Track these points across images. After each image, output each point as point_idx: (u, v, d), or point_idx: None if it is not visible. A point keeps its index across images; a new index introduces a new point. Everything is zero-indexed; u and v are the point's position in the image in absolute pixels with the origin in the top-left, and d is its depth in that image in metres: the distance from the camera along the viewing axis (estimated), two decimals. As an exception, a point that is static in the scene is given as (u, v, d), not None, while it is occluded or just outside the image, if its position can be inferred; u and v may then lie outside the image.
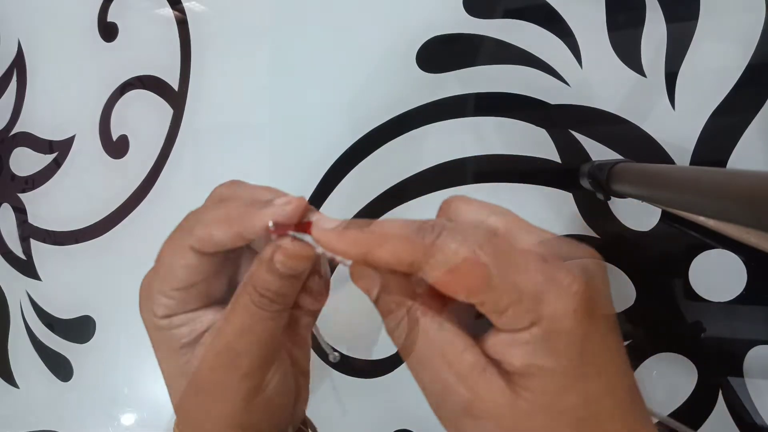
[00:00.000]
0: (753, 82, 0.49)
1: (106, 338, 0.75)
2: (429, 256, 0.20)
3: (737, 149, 0.49)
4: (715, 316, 0.50)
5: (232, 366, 0.24)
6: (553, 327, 0.19)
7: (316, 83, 0.65)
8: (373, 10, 0.62)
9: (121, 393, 0.74)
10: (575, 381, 0.19)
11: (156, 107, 0.72)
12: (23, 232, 0.82)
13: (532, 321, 0.19)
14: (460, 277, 0.20)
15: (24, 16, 0.82)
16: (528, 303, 0.19)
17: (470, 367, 0.20)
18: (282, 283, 0.23)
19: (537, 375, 0.19)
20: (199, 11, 0.71)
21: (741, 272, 0.49)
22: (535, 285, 0.19)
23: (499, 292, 0.19)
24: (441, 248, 0.20)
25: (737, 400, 0.49)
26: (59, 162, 0.79)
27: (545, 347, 0.19)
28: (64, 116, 0.79)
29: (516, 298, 0.19)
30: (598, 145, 0.53)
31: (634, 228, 0.52)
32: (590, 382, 0.19)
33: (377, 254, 0.21)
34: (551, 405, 0.19)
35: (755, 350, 0.49)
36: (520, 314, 0.19)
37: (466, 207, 0.24)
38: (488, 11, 0.57)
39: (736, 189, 0.29)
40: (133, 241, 0.74)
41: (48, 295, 0.80)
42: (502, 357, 0.20)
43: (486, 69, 0.57)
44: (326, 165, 0.63)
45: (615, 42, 0.53)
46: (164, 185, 0.72)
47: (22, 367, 0.82)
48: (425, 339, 0.21)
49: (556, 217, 0.54)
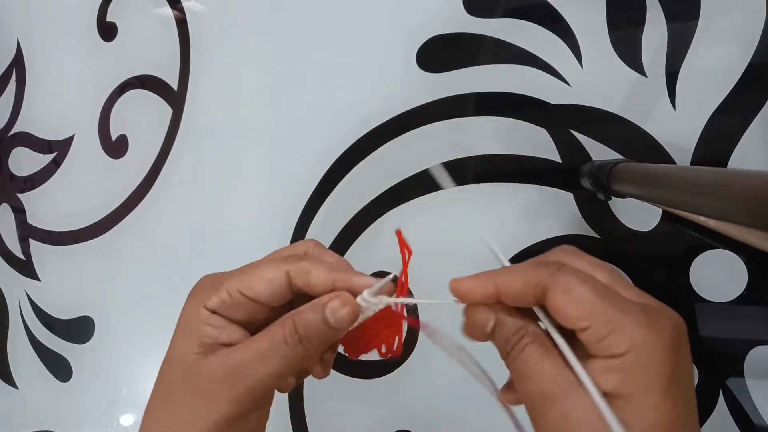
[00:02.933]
0: (754, 82, 0.49)
1: (106, 339, 0.75)
2: (553, 280, 0.24)
3: (738, 149, 0.49)
4: (716, 316, 0.49)
5: (229, 382, 0.26)
6: (645, 356, 0.22)
7: (316, 83, 0.65)
8: (372, 10, 0.62)
9: (120, 393, 0.74)
10: (661, 405, 0.22)
11: (155, 107, 0.72)
12: (22, 233, 0.81)
13: (627, 349, 0.22)
14: (577, 302, 0.23)
15: (23, 16, 0.82)
16: (628, 333, 0.22)
17: (571, 383, 0.23)
18: (320, 328, 0.26)
19: (625, 398, 0.22)
20: (198, 11, 0.71)
21: (742, 272, 0.49)
22: (636, 320, 0.22)
23: (606, 319, 0.22)
24: (564, 274, 0.24)
25: (738, 400, 0.49)
26: (58, 162, 0.79)
27: (636, 374, 0.22)
28: (63, 116, 0.79)
29: (619, 327, 0.22)
30: (598, 145, 0.53)
31: (634, 228, 0.52)
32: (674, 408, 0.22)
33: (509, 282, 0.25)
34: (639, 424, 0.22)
35: (756, 350, 0.49)
36: (618, 342, 0.22)
37: (577, 260, 0.26)
38: (488, 11, 0.57)
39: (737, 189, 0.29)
40: (132, 241, 0.74)
41: (47, 296, 0.80)
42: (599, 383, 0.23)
43: (486, 69, 0.57)
44: (326, 165, 0.63)
45: (615, 41, 0.53)
46: (164, 185, 0.72)
47: (21, 368, 0.81)
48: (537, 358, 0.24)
49: (557, 217, 0.54)
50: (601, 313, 0.23)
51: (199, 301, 0.28)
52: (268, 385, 0.27)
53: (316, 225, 0.64)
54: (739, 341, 0.49)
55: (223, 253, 0.69)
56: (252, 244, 0.67)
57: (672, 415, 0.22)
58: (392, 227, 0.60)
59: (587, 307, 0.23)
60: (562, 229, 0.54)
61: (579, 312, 0.23)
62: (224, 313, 0.28)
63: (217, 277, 0.29)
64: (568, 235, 0.54)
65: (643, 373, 0.22)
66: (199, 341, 0.27)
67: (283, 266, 0.27)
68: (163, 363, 0.29)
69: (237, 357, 0.26)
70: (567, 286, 0.23)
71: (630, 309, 0.23)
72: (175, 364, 0.28)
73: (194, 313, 0.28)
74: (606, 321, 0.22)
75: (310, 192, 0.64)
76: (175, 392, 0.28)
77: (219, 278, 0.28)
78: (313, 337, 0.26)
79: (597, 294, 0.23)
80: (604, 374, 0.22)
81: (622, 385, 0.22)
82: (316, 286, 0.27)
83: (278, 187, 0.66)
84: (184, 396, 0.27)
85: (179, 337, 0.28)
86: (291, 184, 0.65)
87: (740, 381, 0.49)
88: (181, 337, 0.28)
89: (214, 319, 0.27)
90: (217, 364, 0.27)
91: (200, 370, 0.27)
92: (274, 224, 0.65)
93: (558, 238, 0.54)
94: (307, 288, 0.27)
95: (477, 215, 0.57)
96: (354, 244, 0.62)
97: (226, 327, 0.27)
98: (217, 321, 0.27)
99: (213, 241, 0.70)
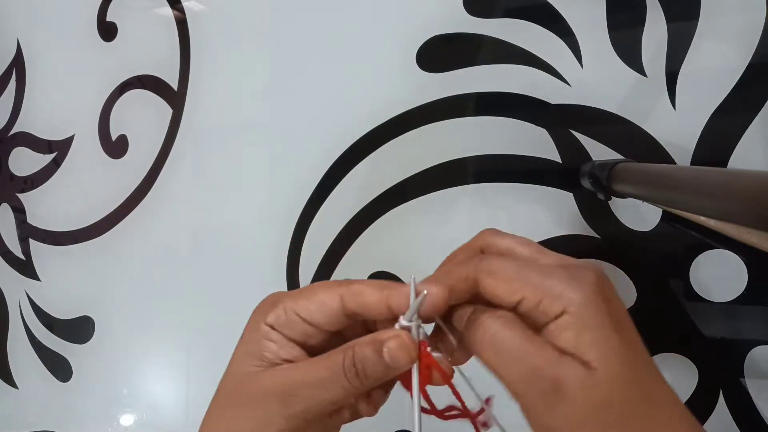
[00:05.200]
0: (754, 82, 0.49)
1: (106, 339, 0.75)
2: (477, 269, 0.26)
3: (738, 149, 0.49)
4: (716, 316, 0.49)
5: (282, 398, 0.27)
6: (580, 309, 0.24)
7: (316, 83, 0.65)
8: (372, 10, 0.62)
9: (120, 393, 0.74)
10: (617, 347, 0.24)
11: (155, 107, 0.72)
12: (22, 232, 0.81)
13: (562, 308, 0.24)
14: (503, 280, 0.25)
15: (23, 16, 0.82)
16: (557, 293, 0.24)
17: (554, 353, 0.24)
18: (377, 364, 0.26)
19: (582, 350, 0.23)
20: (198, 10, 0.71)
21: (742, 272, 0.49)
22: (560, 280, 0.24)
23: (532, 287, 0.24)
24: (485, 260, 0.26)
25: (738, 400, 0.49)
26: (58, 162, 0.79)
27: (584, 324, 0.24)
28: (63, 116, 0.79)
29: (546, 291, 0.24)
30: (598, 145, 0.53)
31: (634, 228, 0.52)
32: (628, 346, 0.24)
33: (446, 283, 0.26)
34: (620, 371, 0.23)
35: (756, 350, 0.49)
36: (551, 304, 0.24)
37: (499, 239, 0.29)
38: (488, 11, 0.57)
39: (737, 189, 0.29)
40: (132, 242, 0.74)
41: (47, 296, 0.80)
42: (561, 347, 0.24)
43: (486, 68, 0.57)
44: (326, 165, 0.63)
45: (616, 41, 0.53)
46: (164, 185, 0.72)
47: (21, 368, 0.82)
48: (514, 336, 0.25)
49: (557, 217, 0.54)
50: (527, 283, 0.25)
51: (260, 316, 0.28)
52: (321, 410, 0.27)
53: (316, 225, 0.64)
54: (739, 341, 0.49)
55: (222, 253, 0.69)
56: (252, 244, 0.67)
57: (629, 353, 0.24)
58: (392, 228, 0.60)
59: (513, 281, 0.25)
60: (562, 229, 0.54)
61: (507, 288, 0.25)
62: (281, 330, 0.28)
63: (279, 294, 0.29)
64: (568, 235, 0.54)
65: (584, 324, 0.24)
66: (260, 355, 0.28)
67: (338, 290, 0.28)
68: (224, 375, 0.29)
69: (293, 377, 0.27)
70: (490, 269, 0.26)
71: (553, 272, 0.25)
72: (234, 375, 0.29)
73: (255, 327, 0.28)
74: (533, 289, 0.24)
75: (310, 192, 0.64)
76: (232, 403, 0.28)
77: (279, 296, 0.29)
78: (370, 373, 0.26)
79: (519, 267, 0.25)
80: (557, 338, 0.24)
81: (573, 341, 0.24)
82: (371, 308, 0.27)
83: (278, 187, 0.66)
84: (242, 407, 0.28)
85: (242, 350, 0.29)
86: (291, 184, 0.65)
87: (740, 381, 0.49)
88: (243, 350, 0.29)
89: (273, 335, 0.28)
90: (274, 378, 0.27)
91: (256, 382, 0.27)
92: (274, 224, 0.65)
93: (558, 238, 0.54)
94: (363, 311, 0.27)
95: (477, 216, 0.57)
96: (354, 244, 0.62)
97: (285, 344, 0.28)
98: (276, 336, 0.28)
99: (213, 241, 0.70)
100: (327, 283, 0.29)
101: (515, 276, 0.25)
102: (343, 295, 0.27)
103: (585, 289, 0.24)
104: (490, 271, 0.25)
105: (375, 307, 0.27)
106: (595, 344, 0.24)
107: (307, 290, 0.28)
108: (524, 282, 0.25)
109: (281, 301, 0.28)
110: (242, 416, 0.27)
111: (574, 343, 0.24)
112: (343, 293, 0.27)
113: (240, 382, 0.28)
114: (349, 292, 0.27)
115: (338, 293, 0.28)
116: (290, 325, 0.28)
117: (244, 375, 0.28)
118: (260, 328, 0.28)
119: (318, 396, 0.27)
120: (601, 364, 0.23)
